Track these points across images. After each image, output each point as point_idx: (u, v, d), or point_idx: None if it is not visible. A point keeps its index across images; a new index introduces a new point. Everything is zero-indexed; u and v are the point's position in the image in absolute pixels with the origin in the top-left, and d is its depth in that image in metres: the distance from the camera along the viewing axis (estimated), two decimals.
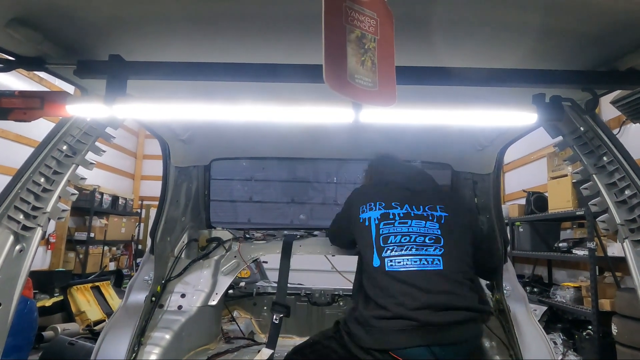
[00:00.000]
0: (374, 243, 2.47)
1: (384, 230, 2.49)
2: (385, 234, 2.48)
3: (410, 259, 2.39)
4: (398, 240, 2.44)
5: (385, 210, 2.56)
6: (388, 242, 2.45)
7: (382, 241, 2.46)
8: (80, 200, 8.83)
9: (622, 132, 5.81)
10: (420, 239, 2.46)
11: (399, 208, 2.56)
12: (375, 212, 2.57)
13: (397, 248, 2.42)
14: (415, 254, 2.40)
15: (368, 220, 2.56)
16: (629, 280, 4.85)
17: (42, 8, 1.50)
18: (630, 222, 1.95)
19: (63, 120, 2.08)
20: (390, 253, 2.41)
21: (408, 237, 2.45)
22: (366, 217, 2.58)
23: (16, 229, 1.93)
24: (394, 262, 2.39)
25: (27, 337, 4.94)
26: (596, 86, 1.81)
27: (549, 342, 2.67)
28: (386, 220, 2.52)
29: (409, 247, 2.42)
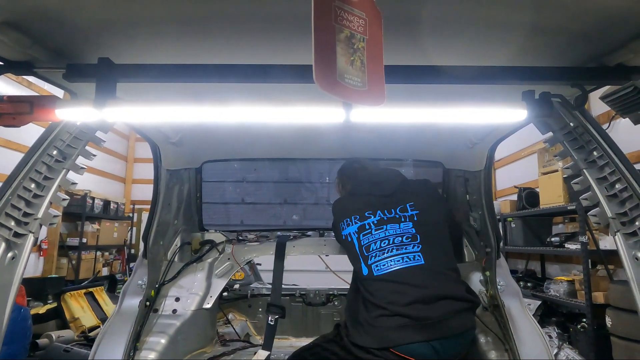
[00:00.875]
0: (359, 254, 2.61)
1: (364, 240, 2.63)
2: (366, 244, 2.61)
3: (393, 259, 2.51)
4: (378, 246, 2.57)
5: (361, 222, 2.69)
6: (370, 250, 2.58)
7: (365, 250, 2.59)
8: (72, 205, 8.79)
9: (612, 127, 5.86)
10: (398, 239, 2.57)
11: (372, 217, 2.69)
12: (353, 226, 2.71)
13: (379, 253, 2.54)
14: (397, 254, 2.52)
15: (349, 235, 2.73)
16: (622, 273, 4.90)
17: (30, 12, 1.49)
18: (621, 215, 1.97)
19: (53, 125, 2.06)
20: (375, 259, 2.54)
21: (387, 241, 2.57)
22: (347, 234, 2.74)
23: (7, 235, 1.92)
24: (380, 266, 2.51)
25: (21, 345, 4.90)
26: (585, 82, 1.82)
27: (544, 335, 2.69)
28: (364, 231, 2.66)
29: (389, 249, 2.54)
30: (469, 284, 3.21)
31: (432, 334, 2.28)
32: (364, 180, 2.97)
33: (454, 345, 2.37)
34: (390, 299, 2.38)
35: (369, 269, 2.53)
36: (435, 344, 2.29)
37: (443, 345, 2.31)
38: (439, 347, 2.30)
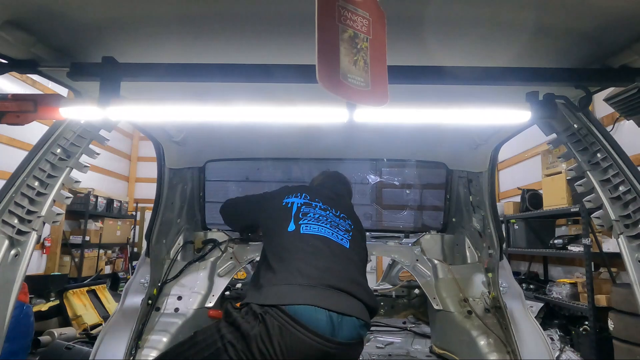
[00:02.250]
0: (292, 216, 2.64)
1: (304, 209, 2.69)
2: (304, 212, 2.67)
3: (323, 229, 2.57)
4: (316, 217, 2.64)
5: (308, 201, 2.77)
6: (307, 216, 2.63)
7: (302, 215, 2.64)
8: (75, 203, 8.80)
9: (616, 129, 5.84)
10: (334, 223, 2.66)
11: (320, 203, 2.76)
12: (299, 199, 2.77)
13: (314, 221, 2.61)
14: (329, 228, 2.59)
15: (291, 204, 2.76)
16: (625, 276, 4.88)
17: (34, 11, 1.49)
18: (624, 217, 1.96)
19: (57, 123, 2.07)
20: (307, 222, 2.60)
21: (325, 218, 2.65)
22: (289, 202, 2.77)
23: (11, 233, 1.92)
24: (309, 227, 2.56)
25: (23, 342, 4.91)
26: (589, 83, 1.82)
27: (546, 338, 2.68)
28: (308, 206, 2.72)
29: (324, 222, 2.62)
30: (471, 285, 3.22)
31: (334, 304, 2.20)
32: (329, 185, 3.14)
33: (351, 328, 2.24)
34: (304, 256, 2.39)
35: (296, 227, 2.56)
36: (334, 315, 2.18)
37: (341, 322, 2.20)
38: (336, 322, 2.18)
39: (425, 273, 3.39)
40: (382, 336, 3.89)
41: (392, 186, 3.99)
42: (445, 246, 3.72)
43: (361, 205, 3.94)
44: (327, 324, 2.16)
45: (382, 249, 3.60)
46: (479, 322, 2.91)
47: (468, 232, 3.53)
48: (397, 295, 3.91)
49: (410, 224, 3.99)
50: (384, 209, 4.06)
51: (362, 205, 3.94)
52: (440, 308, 3.17)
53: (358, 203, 3.92)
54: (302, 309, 2.16)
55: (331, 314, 2.17)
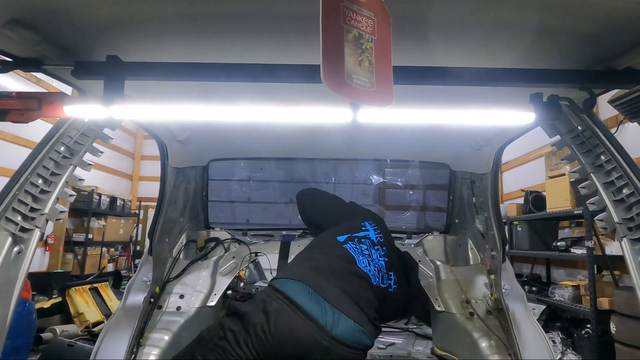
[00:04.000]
0: (349, 228, 2.78)
1: (356, 247, 2.71)
2: (357, 248, 2.70)
3: (366, 259, 2.61)
4: (363, 248, 2.69)
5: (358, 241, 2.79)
6: (361, 244, 2.70)
7: (355, 231, 2.78)
8: (78, 201, 8.82)
9: (620, 131, 5.82)
10: (379, 262, 2.69)
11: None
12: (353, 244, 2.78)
13: (365, 248, 2.68)
14: (372, 260, 2.64)
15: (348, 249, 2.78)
16: (627, 279, 4.86)
17: (39, 9, 1.50)
18: (628, 220, 1.95)
19: (61, 122, 2.08)
20: (355, 245, 2.67)
21: (369, 252, 2.70)
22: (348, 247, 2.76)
23: (14, 230, 1.93)
24: (355, 251, 2.62)
25: (25, 339, 4.93)
26: (593, 85, 1.81)
27: (547, 341, 2.68)
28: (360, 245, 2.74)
29: (372, 253, 2.68)
30: (473, 287, 3.21)
31: (333, 299, 2.27)
32: None
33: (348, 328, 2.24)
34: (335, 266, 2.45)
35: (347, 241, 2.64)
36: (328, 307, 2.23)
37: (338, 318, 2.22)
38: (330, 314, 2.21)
39: (427, 274, 3.38)
40: (384, 337, 3.88)
41: (395, 187, 4.00)
42: (448, 247, 3.71)
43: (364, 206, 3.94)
44: (320, 311, 2.20)
45: None
46: (480, 324, 2.90)
47: (471, 233, 3.52)
48: None
49: (413, 224, 3.99)
50: (386, 210, 4.07)
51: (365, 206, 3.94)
52: (442, 309, 3.16)
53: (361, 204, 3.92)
54: (298, 285, 2.26)
55: (325, 304, 2.22)
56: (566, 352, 5.79)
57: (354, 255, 2.57)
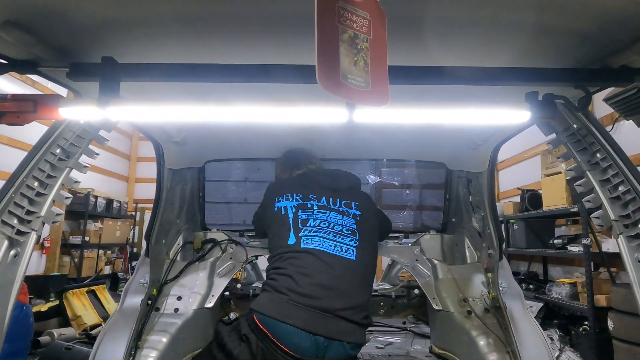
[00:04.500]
0: (292, 225, 2.52)
1: (302, 216, 2.55)
2: (303, 218, 2.53)
3: (327, 242, 2.43)
4: (317, 224, 2.49)
5: (303, 201, 2.63)
6: (307, 225, 2.49)
7: (301, 223, 2.51)
8: (75, 203, 8.80)
9: (615, 129, 5.84)
10: (338, 227, 2.51)
11: (316, 200, 2.63)
12: (292, 201, 2.64)
13: (316, 230, 2.46)
14: (332, 239, 2.44)
15: (283, 209, 2.64)
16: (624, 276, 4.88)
17: (34, 11, 1.49)
18: (624, 217, 1.96)
19: (56, 124, 2.07)
20: (308, 233, 2.45)
21: (327, 223, 2.51)
22: (281, 206, 2.66)
23: (10, 233, 1.92)
24: (311, 241, 2.42)
25: (23, 343, 4.91)
26: (589, 84, 1.82)
27: (545, 338, 2.68)
28: (304, 209, 2.59)
29: (327, 231, 2.47)
30: (471, 285, 3.21)
31: (322, 328, 2.19)
32: (316, 171, 3.00)
33: (339, 350, 2.25)
34: (303, 271, 2.30)
35: (297, 240, 2.44)
36: (320, 339, 2.18)
37: (328, 345, 2.20)
38: (322, 345, 2.18)
39: (424, 273, 3.39)
40: (382, 336, 3.89)
41: (392, 186, 3.99)
42: (445, 246, 3.72)
43: None
44: (311, 347, 2.17)
45: (382, 249, 3.60)
46: (478, 322, 2.91)
47: (468, 232, 3.53)
48: (396, 296, 3.90)
49: (410, 224, 3.99)
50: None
51: None
52: (440, 308, 3.17)
53: None
54: (287, 329, 2.16)
55: (317, 338, 2.17)
56: (564, 349, 5.81)
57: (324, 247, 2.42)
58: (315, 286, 2.24)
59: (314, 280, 2.26)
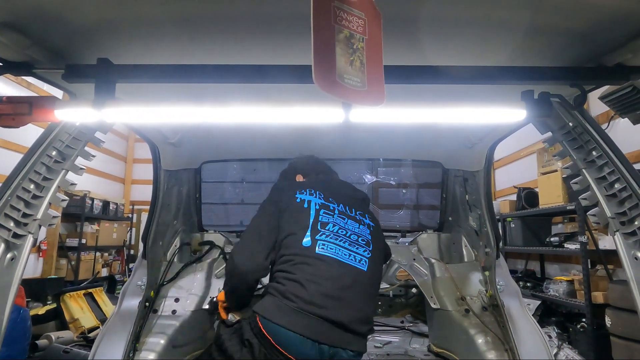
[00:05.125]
0: (311, 225, 2.38)
1: (323, 217, 2.44)
2: (324, 221, 2.42)
3: (342, 250, 2.34)
4: (335, 231, 2.40)
5: (325, 202, 2.52)
6: (326, 229, 2.39)
7: (320, 225, 2.39)
8: (71, 206, 8.77)
9: (611, 127, 5.86)
10: (354, 237, 2.44)
11: (336, 204, 2.54)
12: (316, 198, 2.51)
13: (333, 236, 2.37)
14: (348, 248, 2.37)
15: (308, 202, 2.48)
16: (621, 273, 4.90)
17: (29, 13, 1.49)
18: (620, 215, 1.97)
19: (52, 126, 2.06)
20: (325, 238, 2.35)
21: (345, 231, 2.43)
22: (305, 199, 2.50)
23: (7, 236, 1.92)
24: (327, 247, 2.32)
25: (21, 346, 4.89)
26: (584, 82, 1.83)
27: (543, 335, 2.69)
28: (326, 210, 2.48)
29: (344, 239, 2.39)
30: (468, 283, 3.22)
31: (327, 338, 2.14)
32: (332, 178, 2.93)
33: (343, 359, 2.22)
34: (313, 279, 2.21)
35: (312, 242, 2.31)
36: (326, 348, 2.14)
37: (334, 354, 2.17)
38: (327, 354, 2.15)
39: (422, 272, 3.39)
40: (380, 335, 3.89)
41: (389, 186, 4.00)
42: (442, 245, 3.73)
43: None
44: (315, 356, 2.13)
45: None
46: (476, 321, 2.92)
47: (465, 230, 3.54)
48: (394, 295, 3.91)
49: (407, 223, 4.00)
50: (380, 209, 4.07)
51: None
52: (438, 307, 3.17)
53: None
54: (292, 338, 2.11)
55: (322, 347, 2.14)
56: (562, 346, 5.82)
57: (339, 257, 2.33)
58: (323, 295, 2.18)
59: (323, 289, 2.19)
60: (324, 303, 2.17)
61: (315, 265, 2.25)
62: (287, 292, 2.18)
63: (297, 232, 2.36)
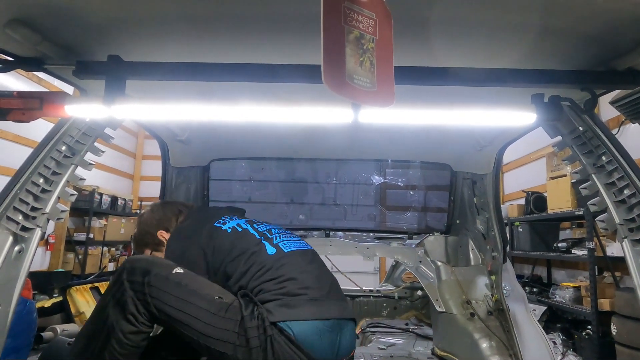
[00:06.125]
0: (261, 238, 2.34)
1: (260, 228, 2.42)
2: (265, 230, 2.42)
3: (295, 242, 2.41)
4: (278, 231, 2.45)
5: (240, 219, 2.49)
6: (273, 234, 2.41)
7: (267, 233, 2.39)
8: (80, 200, 8.82)
9: (621, 132, 5.81)
10: (286, 230, 2.53)
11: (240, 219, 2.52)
12: (237, 220, 2.46)
13: (283, 235, 2.42)
14: (294, 240, 2.44)
15: (238, 226, 2.41)
16: (628, 280, 4.86)
17: (41, 9, 1.50)
18: (629, 221, 1.95)
19: (62, 121, 2.08)
20: (280, 239, 2.38)
21: (280, 229, 2.49)
22: (233, 225, 2.41)
23: (15, 229, 1.93)
24: (287, 244, 2.35)
25: (26, 338, 4.92)
26: (595, 86, 1.81)
27: (548, 342, 2.68)
28: (255, 223, 2.47)
29: (287, 234, 2.46)
30: (474, 287, 3.21)
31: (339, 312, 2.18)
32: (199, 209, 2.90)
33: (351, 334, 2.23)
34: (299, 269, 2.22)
35: (277, 249, 2.29)
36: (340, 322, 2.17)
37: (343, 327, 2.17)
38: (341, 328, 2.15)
39: (428, 275, 3.38)
40: (384, 337, 3.88)
41: (396, 187, 3.99)
42: (449, 248, 3.71)
43: (365, 206, 3.94)
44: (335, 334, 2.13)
45: (386, 250, 3.60)
46: (481, 325, 2.91)
47: (472, 234, 3.52)
48: (399, 297, 3.91)
49: (414, 225, 3.98)
50: (387, 210, 4.06)
51: (365, 206, 3.94)
52: (443, 310, 3.16)
53: (362, 204, 3.92)
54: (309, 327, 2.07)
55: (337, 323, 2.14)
56: (567, 353, 5.78)
57: (300, 246, 2.40)
58: (314, 278, 2.24)
59: (312, 274, 2.25)
60: (319, 284, 2.22)
61: (292, 261, 2.26)
62: (291, 292, 2.14)
63: (254, 250, 2.28)
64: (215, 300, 2.02)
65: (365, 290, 3.94)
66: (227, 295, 2.08)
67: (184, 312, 1.96)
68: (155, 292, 1.97)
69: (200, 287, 2.05)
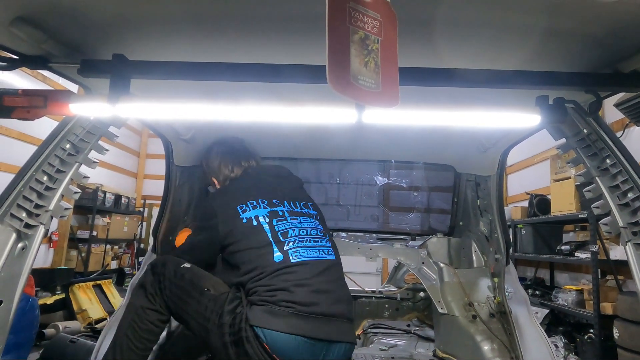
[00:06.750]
0: (272, 241, 2.34)
1: (279, 226, 2.39)
2: (282, 230, 2.38)
3: (311, 250, 2.35)
4: (297, 234, 2.39)
5: (271, 208, 2.46)
6: (288, 236, 2.36)
7: (282, 236, 2.35)
8: (83, 198, 8.86)
9: (626, 135, 5.80)
10: (314, 232, 2.45)
11: (281, 206, 2.49)
12: (261, 210, 2.44)
13: (299, 240, 2.36)
14: (314, 245, 2.38)
15: (255, 219, 2.40)
16: (631, 284, 4.84)
17: (46, 7, 1.50)
18: (632, 225, 1.94)
19: (66, 119, 2.08)
20: (293, 245, 2.33)
21: (304, 231, 2.42)
22: (251, 217, 2.41)
23: (19, 226, 1.94)
24: (299, 253, 2.31)
25: (28, 335, 4.94)
26: (599, 88, 1.81)
27: (550, 345, 2.67)
28: (277, 218, 2.43)
29: (307, 239, 2.39)
30: (476, 289, 3.20)
31: (323, 332, 2.15)
32: (260, 169, 2.85)
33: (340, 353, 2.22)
34: (298, 283, 2.20)
35: (284, 255, 2.27)
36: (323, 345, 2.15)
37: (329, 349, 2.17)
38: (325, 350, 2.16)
39: (430, 276, 3.38)
40: (386, 338, 3.88)
41: (400, 188, 3.98)
42: (452, 250, 3.71)
43: (368, 207, 3.93)
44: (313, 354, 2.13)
45: (388, 251, 3.59)
46: (483, 327, 2.90)
47: (475, 236, 3.51)
48: (402, 298, 3.90)
49: (417, 226, 3.98)
50: (390, 211, 4.06)
51: (368, 207, 3.94)
52: (445, 312, 3.16)
53: (365, 204, 3.92)
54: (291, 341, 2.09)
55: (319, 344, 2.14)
56: (568, 356, 5.77)
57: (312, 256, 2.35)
58: (312, 293, 2.20)
59: (311, 288, 2.21)
60: (315, 300, 2.19)
61: (295, 272, 2.25)
62: (280, 301, 2.15)
63: (261, 251, 2.31)
64: (205, 292, 2.27)
65: (367, 291, 3.94)
66: (219, 288, 2.31)
67: (180, 298, 2.31)
68: (167, 281, 2.34)
69: (198, 280, 2.33)
